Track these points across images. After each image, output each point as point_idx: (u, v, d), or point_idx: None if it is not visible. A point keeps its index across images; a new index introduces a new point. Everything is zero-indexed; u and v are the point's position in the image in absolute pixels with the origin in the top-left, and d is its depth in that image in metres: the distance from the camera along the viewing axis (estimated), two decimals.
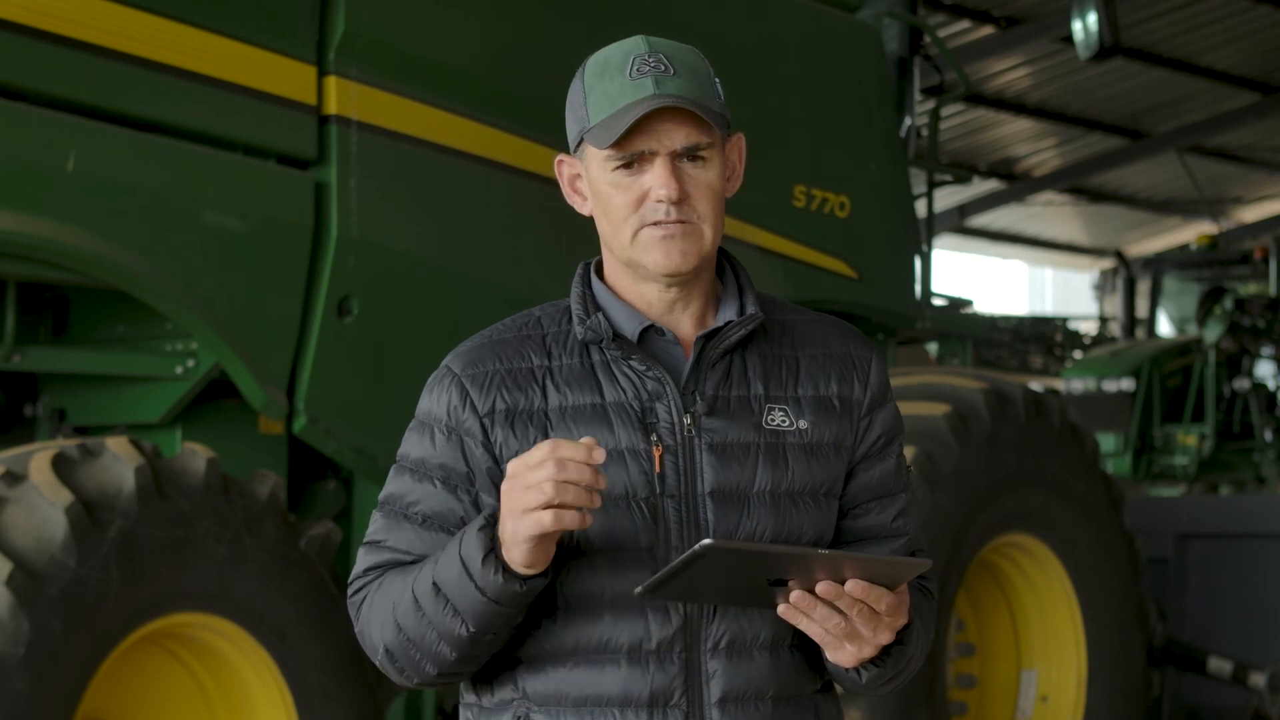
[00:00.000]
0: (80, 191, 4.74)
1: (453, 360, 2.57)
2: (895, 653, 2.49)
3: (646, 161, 2.49)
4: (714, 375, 2.54)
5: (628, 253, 2.52)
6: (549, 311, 2.60)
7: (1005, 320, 19.16)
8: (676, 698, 2.47)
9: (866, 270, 6.82)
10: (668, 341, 2.55)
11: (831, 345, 2.63)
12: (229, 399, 5.28)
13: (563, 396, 2.51)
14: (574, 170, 2.57)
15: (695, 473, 2.50)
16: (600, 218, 2.54)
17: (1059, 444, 6.62)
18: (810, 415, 2.56)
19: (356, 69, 5.20)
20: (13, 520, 4.43)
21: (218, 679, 4.95)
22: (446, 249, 5.49)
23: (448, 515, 2.51)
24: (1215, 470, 14.82)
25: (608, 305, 2.56)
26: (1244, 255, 17.09)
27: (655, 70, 2.49)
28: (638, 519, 2.47)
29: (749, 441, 2.52)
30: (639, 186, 2.49)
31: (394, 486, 2.57)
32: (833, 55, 6.80)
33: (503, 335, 2.57)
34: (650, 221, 2.49)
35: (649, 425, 2.50)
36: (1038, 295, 28.66)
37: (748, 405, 2.54)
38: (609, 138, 2.46)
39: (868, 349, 2.66)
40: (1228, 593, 8.31)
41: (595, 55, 2.55)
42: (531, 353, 2.54)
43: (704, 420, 2.51)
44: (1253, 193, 24.00)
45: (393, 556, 2.53)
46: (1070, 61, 17.33)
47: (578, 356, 2.54)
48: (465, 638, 2.44)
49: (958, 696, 6.69)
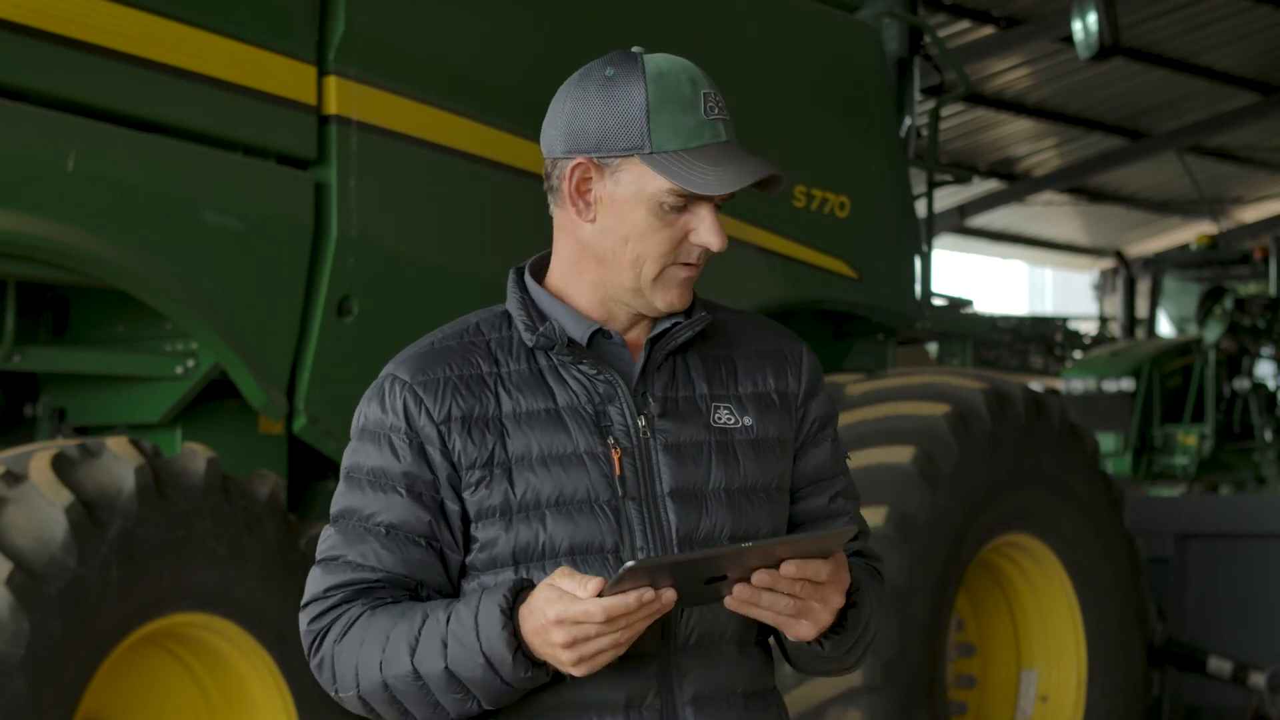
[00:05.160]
0: (80, 191, 4.74)
1: (398, 369, 2.53)
2: (851, 615, 2.51)
3: (695, 203, 2.48)
4: (661, 377, 2.55)
5: (637, 284, 2.50)
6: (486, 318, 2.58)
7: (1005, 320, 19.14)
8: (651, 698, 2.48)
9: (866, 270, 6.82)
10: (615, 344, 2.55)
11: (763, 342, 2.65)
12: (229, 399, 5.28)
13: (515, 402, 2.49)
14: (587, 174, 2.50)
15: (653, 474, 2.51)
16: (614, 239, 2.49)
17: (1059, 444, 6.62)
18: (754, 412, 2.58)
19: (356, 69, 5.20)
20: (13, 520, 4.43)
21: (218, 679, 4.95)
22: (446, 249, 5.49)
23: (414, 524, 2.48)
24: (1215, 470, 14.81)
25: (551, 310, 2.55)
26: (1244, 255, 17.08)
27: (720, 111, 2.49)
28: (602, 523, 2.47)
29: (701, 440, 2.54)
30: (682, 226, 2.49)
31: (349, 500, 2.51)
32: (833, 55, 6.80)
33: (446, 343, 2.54)
34: (682, 261, 2.50)
35: (604, 428, 2.50)
36: (1038, 295, 28.65)
37: (695, 405, 2.55)
38: (704, 185, 2.43)
39: (796, 343, 2.69)
40: (1228, 593, 8.31)
41: (650, 64, 2.46)
42: (479, 359, 2.52)
43: (657, 421, 2.52)
44: (1253, 193, 23.99)
45: (355, 575, 2.48)
46: (1070, 61, 17.32)
47: (525, 362, 2.52)
48: (476, 710, 2.44)
49: (958, 696, 6.69)
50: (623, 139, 2.45)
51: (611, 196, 2.48)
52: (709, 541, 2.51)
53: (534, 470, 2.47)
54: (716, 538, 2.51)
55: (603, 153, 2.47)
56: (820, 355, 7.13)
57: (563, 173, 2.51)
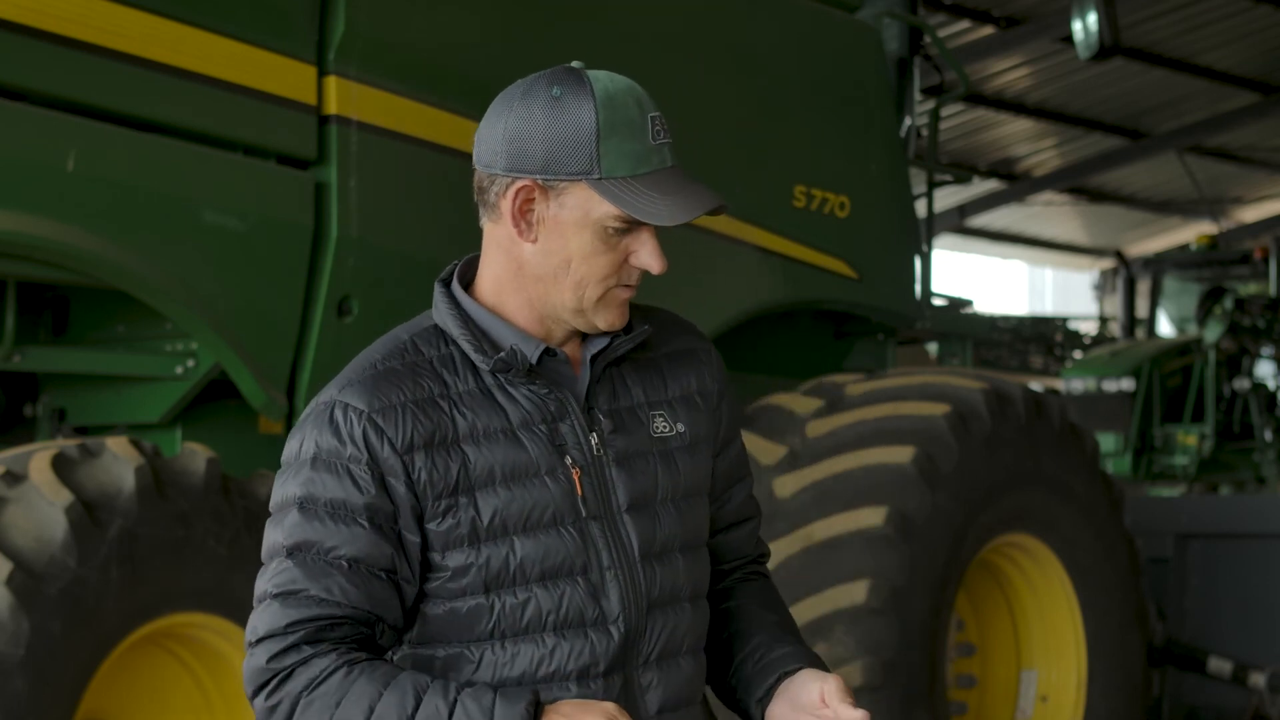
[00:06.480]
0: (80, 191, 4.74)
1: (346, 395, 2.44)
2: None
3: (638, 226, 2.45)
4: (604, 390, 2.54)
5: (579, 305, 2.47)
6: (419, 334, 2.51)
7: (1005, 320, 19.15)
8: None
9: (866, 270, 6.81)
10: (559, 361, 2.52)
11: (680, 342, 2.65)
12: (229, 399, 5.28)
13: (471, 424, 2.45)
14: (531, 196, 2.45)
15: (609, 490, 2.50)
16: (556, 260, 2.46)
17: (1059, 444, 6.62)
18: (684, 416, 2.59)
19: (356, 69, 5.20)
20: (13, 520, 4.43)
21: (218, 679, 4.95)
22: (446, 249, 5.47)
23: (377, 557, 2.42)
24: (1215, 470, 14.82)
25: (491, 327, 2.50)
26: (1244, 255, 17.09)
27: (666, 134, 2.46)
28: (569, 543, 2.46)
29: (645, 451, 2.54)
30: (624, 248, 2.46)
31: (306, 532, 2.41)
32: (832, 55, 6.80)
33: (389, 365, 2.47)
34: (623, 284, 2.48)
35: (559, 446, 2.47)
36: (1038, 295, 28.65)
37: (636, 416, 2.56)
38: (655, 215, 2.41)
39: (702, 339, 2.69)
40: (1228, 593, 8.31)
41: (598, 85, 2.42)
42: (427, 381, 2.46)
43: (608, 437, 2.51)
44: (1253, 193, 23.99)
45: (319, 610, 2.40)
46: (1070, 61, 17.33)
47: (473, 381, 2.47)
48: None
49: (958, 696, 6.69)
50: (571, 163, 2.41)
51: (555, 219, 2.44)
52: (664, 552, 2.52)
53: (497, 493, 2.44)
54: (670, 548, 2.53)
55: (549, 175, 2.42)
56: (820, 355, 7.15)
57: (503, 190, 2.46)
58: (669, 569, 2.54)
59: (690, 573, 2.57)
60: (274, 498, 2.49)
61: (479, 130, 2.49)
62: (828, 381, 6.53)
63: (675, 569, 2.54)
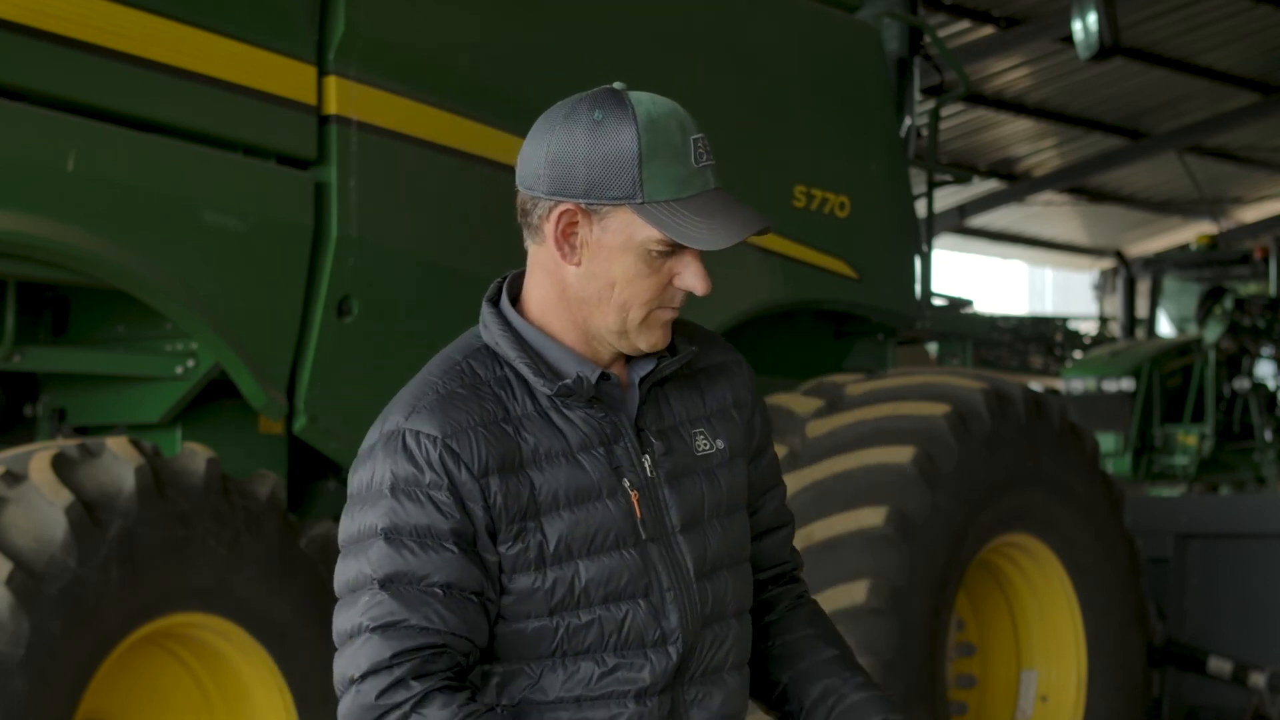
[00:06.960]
0: (80, 191, 4.74)
1: (416, 422, 2.44)
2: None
3: (682, 248, 2.46)
4: (651, 411, 2.54)
5: (623, 327, 2.47)
6: (473, 356, 2.50)
7: (1005, 320, 19.15)
8: None
9: (866, 270, 6.81)
10: (611, 384, 2.51)
11: (714, 356, 2.66)
12: (229, 399, 5.27)
13: (534, 447, 2.45)
14: (574, 220, 2.45)
15: (663, 511, 2.51)
16: (600, 284, 2.46)
17: (1059, 444, 6.62)
18: (722, 431, 2.60)
19: (356, 69, 5.20)
20: (13, 520, 4.43)
21: (218, 679, 4.95)
22: (446, 249, 5.49)
23: (468, 581, 2.41)
24: (1215, 470, 14.82)
25: (546, 350, 2.50)
26: (1244, 255, 17.09)
27: (709, 156, 2.46)
28: (631, 565, 2.47)
29: (691, 470, 2.55)
30: (667, 271, 2.46)
31: (396, 563, 2.40)
32: (832, 55, 6.79)
33: (450, 388, 2.46)
34: (667, 305, 2.48)
35: (616, 469, 2.48)
36: (1038, 295, 28.65)
37: (680, 434, 2.56)
38: (699, 240, 2.41)
39: (734, 352, 2.70)
40: (1228, 593, 8.30)
41: (640, 108, 2.42)
42: (490, 404, 2.45)
43: (660, 458, 2.52)
44: (1253, 193, 23.99)
45: (422, 640, 2.38)
46: (1070, 61, 17.32)
47: (530, 404, 2.47)
48: None
49: (958, 696, 6.69)
50: (614, 187, 2.41)
51: (599, 242, 2.44)
52: (714, 570, 2.53)
53: (562, 516, 2.44)
54: (719, 565, 2.54)
55: (592, 199, 2.42)
56: (820, 355, 7.15)
57: (546, 214, 2.46)
58: (718, 586, 2.55)
59: (736, 589, 2.58)
60: (347, 529, 2.47)
61: (522, 151, 2.50)
62: (828, 381, 6.53)
63: (724, 586, 2.55)
